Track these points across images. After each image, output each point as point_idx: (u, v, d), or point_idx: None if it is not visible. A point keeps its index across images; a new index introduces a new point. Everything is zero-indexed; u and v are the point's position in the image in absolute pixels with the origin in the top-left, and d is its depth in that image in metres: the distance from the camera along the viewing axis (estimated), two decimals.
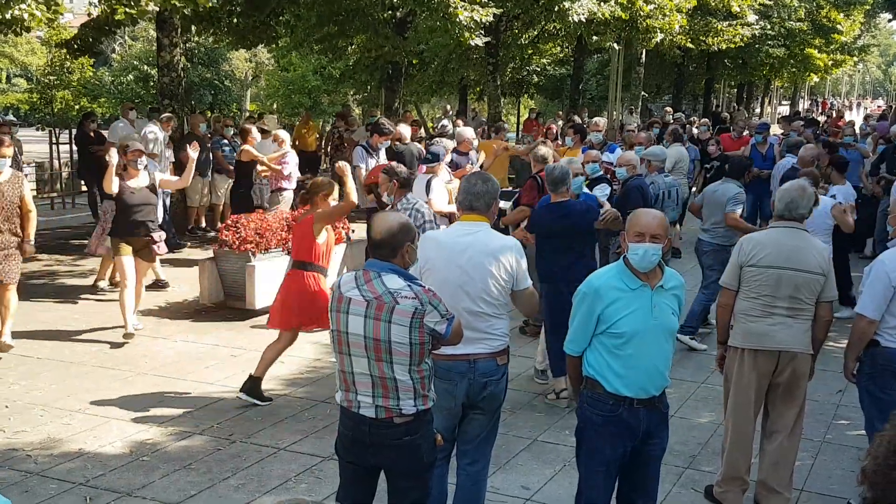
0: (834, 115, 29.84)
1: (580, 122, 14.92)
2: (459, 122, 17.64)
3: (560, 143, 12.80)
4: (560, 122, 18.80)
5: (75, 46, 14.67)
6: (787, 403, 4.85)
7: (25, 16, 8.96)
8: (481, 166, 10.05)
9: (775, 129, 23.20)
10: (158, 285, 9.80)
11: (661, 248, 3.78)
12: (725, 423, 5.03)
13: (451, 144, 10.30)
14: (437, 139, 11.84)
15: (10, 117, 24.21)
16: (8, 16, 8.80)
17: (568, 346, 4.01)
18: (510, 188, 11.95)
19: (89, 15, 11.99)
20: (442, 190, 8.49)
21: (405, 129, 11.81)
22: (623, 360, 3.77)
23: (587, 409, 3.89)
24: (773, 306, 4.71)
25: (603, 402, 3.82)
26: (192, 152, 8.13)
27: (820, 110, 43.04)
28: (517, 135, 29.54)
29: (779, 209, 4.86)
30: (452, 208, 8.42)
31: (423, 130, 17.83)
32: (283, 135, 11.64)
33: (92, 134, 13.93)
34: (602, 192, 8.82)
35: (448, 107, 27.04)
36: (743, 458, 4.90)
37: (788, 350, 4.73)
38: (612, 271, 3.88)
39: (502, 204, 7.84)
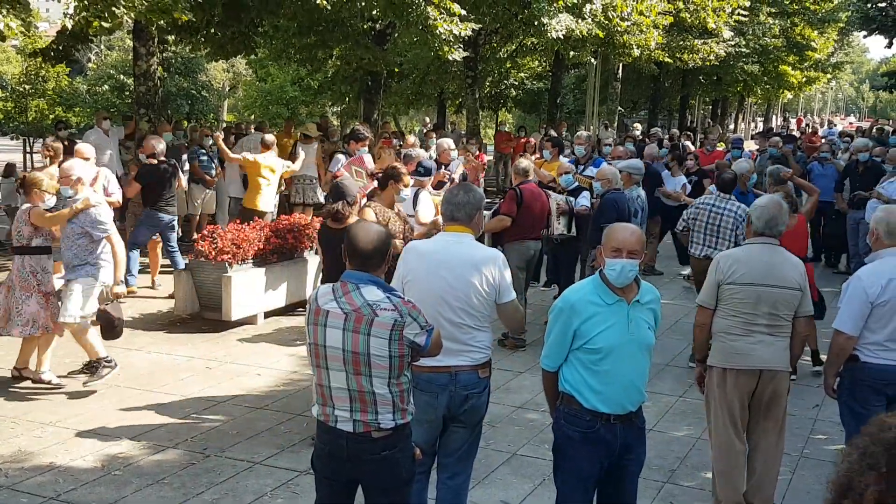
0: (808, 131, 30.15)
1: (556, 135, 14.97)
2: (433, 134, 17.62)
3: (539, 156, 12.84)
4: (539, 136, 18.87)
5: (52, 54, 14.54)
6: (769, 420, 4.82)
7: (0, 26, 8.85)
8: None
9: (750, 145, 23.46)
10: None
11: (639, 264, 3.76)
12: (713, 444, 4.94)
13: (423, 153, 10.29)
14: (409, 149, 11.85)
15: None
16: None
17: (543, 362, 3.98)
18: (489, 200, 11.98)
19: (63, 25, 11.90)
20: (429, 203, 8.45)
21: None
22: (600, 375, 3.74)
23: (564, 425, 3.86)
24: (753, 324, 4.69)
25: (580, 418, 3.79)
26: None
27: (795, 127, 43.46)
28: (495, 147, 29.63)
29: (757, 226, 4.82)
30: (439, 219, 8.40)
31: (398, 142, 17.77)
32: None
33: (66, 143, 13.77)
34: (585, 199, 8.86)
35: (427, 119, 27.06)
36: (739, 480, 4.84)
37: (770, 369, 4.72)
38: (589, 286, 3.84)
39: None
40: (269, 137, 11.40)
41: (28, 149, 16.88)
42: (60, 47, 14.40)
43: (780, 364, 4.75)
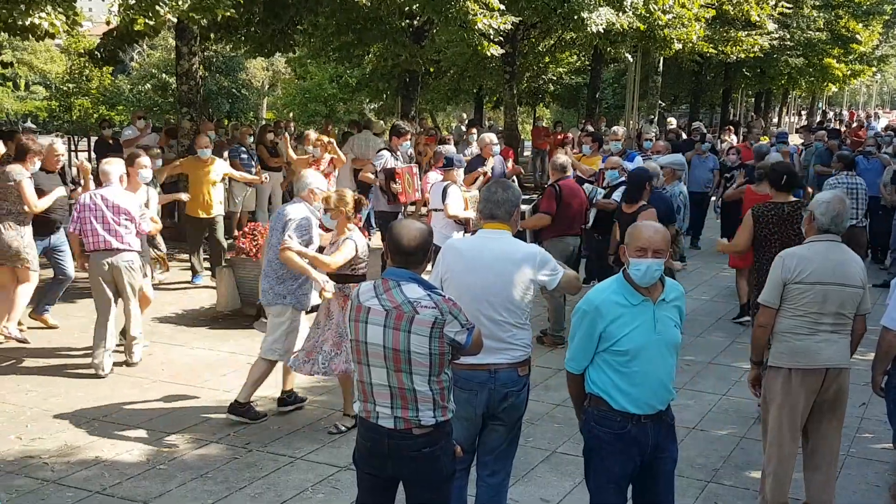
0: (854, 125, 29.62)
1: (595, 130, 14.90)
2: (473, 130, 17.64)
3: (577, 151, 12.77)
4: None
5: (98, 56, 14.76)
6: (834, 420, 4.71)
7: (45, 24, 8.99)
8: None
9: (794, 140, 23.09)
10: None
11: (664, 263, 3.71)
12: (769, 447, 4.81)
13: (452, 149, 10.31)
14: (441, 146, 11.87)
15: (30, 124, 24.39)
16: (27, 23, 8.83)
17: (569, 364, 3.94)
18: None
19: (108, 23, 12.06)
20: (458, 196, 8.48)
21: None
22: (629, 377, 3.70)
23: (594, 426, 3.81)
24: (819, 323, 4.55)
25: (610, 419, 3.75)
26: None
27: (847, 120, 42.50)
28: (532, 143, 29.55)
29: (823, 222, 4.65)
30: (468, 214, 8.41)
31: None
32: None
33: (110, 141, 14.01)
34: (620, 195, 8.77)
35: (464, 115, 27.03)
36: (787, 482, 4.76)
37: (836, 367, 4.61)
38: (612, 286, 3.78)
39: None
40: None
41: (73, 147, 17.09)
42: (108, 49, 14.63)
43: (845, 361, 4.63)
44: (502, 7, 13.63)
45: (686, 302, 3.96)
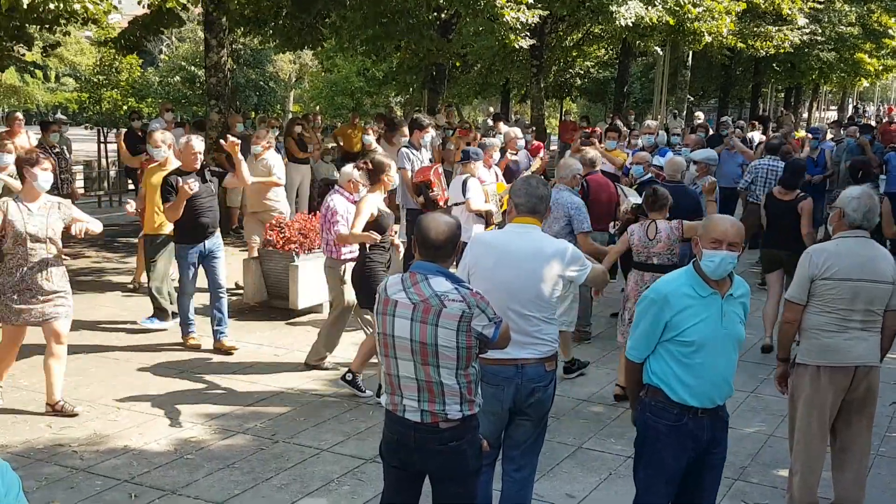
0: (885, 120, 29.17)
1: (618, 124, 14.79)
2: (500, 124, 17.59)
3: (601, 145, 12.70)
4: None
5: (122, 43, 14.84)
6: (863, 418, 4.66)
7: (77, 7, 9.01)
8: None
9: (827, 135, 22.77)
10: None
11: (738, 257, 3.69)
12: (796, 445, 4.77)
13: (496, 141, 10.24)
14: (485, 139, 11.82)
15: (60, 116, 24.65)
16: (62, 7, 8.85)
17: (630, 353, 3.93)
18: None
19: (140, 3, 12.07)
20: (478, 189, 8.46)
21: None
22: (692, 369, 3.69)
23: (650, 417, 3.80)
24: (848, 320, 4.50)
25: (668, 411, 3.74)
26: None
27: (885, 115, 41.79)
28: (559, 137, 29.44)
29: (855, 218, 4.59)
30: (489, 207, 8.38)
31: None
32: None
33: (140, 133, 14.11)
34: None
35: (491, 109, 26.98)
36: (816, 480, 4.72)
37: (865, 365, 4.56)
38: (682, 278, 3.77)
39: None
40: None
41: (102, 139, 17.27)
42: (132, 37, 14.71)
43: (874, 359, 4.58)
44: (531, 0, 13.56)
45: None
